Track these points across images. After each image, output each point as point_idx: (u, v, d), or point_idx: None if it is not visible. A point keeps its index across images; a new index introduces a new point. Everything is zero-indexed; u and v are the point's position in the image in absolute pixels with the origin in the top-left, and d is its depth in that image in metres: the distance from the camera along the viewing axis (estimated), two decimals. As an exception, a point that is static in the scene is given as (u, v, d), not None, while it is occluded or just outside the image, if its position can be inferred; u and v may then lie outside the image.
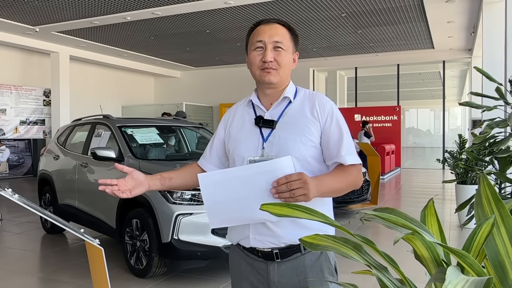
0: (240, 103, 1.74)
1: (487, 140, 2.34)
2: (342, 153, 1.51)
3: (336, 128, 1.55)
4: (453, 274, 0.54)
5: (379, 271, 0.84)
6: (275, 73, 1.57)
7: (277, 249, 1.54)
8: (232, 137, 1.67)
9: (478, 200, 0.83)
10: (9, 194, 1.48)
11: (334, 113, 1.57)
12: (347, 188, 1.52)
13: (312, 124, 1.55)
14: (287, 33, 1.60)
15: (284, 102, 1.62)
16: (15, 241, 5.93)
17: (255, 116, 1.63)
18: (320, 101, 1.59)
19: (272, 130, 1.57)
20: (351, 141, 1.56)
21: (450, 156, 6.79)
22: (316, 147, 1.55)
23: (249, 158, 1.56)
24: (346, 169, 1.50)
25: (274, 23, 1.60)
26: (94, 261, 1.84)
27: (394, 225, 0.71)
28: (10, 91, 12.57)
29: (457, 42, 12.76)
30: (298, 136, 1.53)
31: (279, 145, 1.54)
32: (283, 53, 1.57)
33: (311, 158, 1.54)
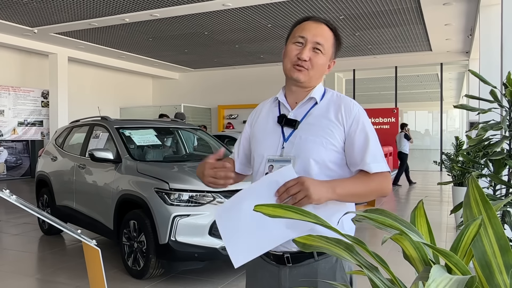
0: (267, 101, 1.72)
1: (481, 142, 2.37)
2: (367, 160, 1.45)
3: (361, 134, 1.49)
4: (437, 272, 0.56)
5: (370, 271, 0.86)
6: (306, 73, 1.53)
7: (289, 253, 1.50)
8: (255, 135, 1.64)
9: (467, 201, 0.85)
10: (6, 195, 1.49)
11: (361, 118, 1.51)
12: (371, 195, 1.49)
13: (335, 128, 1.50)
14: (331, 38, 1.56)
15: (309, 103, 1.58)
16: (13, 242, 5.93)
17: (278, 114, 1.60)
18: (346, 104, 1.53)
19: (294, 130, 1.54)
20: (378, 147, 1.50)
21: (447, 158, 6.82)
22: (338, 152, 1.50)
23: (268, 157, 1.54)
24: (370, 175, 1.46)
25: (323, 23, 1.56)
26: (91, 262, 1.85)
27: (382, 226, 0.73)
28: (8, 92, 12.57)
29: (454, 45, 12.81)
30: (319, 139, 1.49)
31: (298, 146, 1.50)
32: (320, 56, 1.53)
33: (331, 163, 1.49)
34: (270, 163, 1.53)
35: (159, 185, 4.04)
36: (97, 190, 4.91)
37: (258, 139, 1.62)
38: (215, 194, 4.01)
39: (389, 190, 1.51)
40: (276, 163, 1.51)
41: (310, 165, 1.47)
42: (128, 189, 4.35)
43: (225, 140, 8.37)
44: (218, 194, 4.01)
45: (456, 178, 6.20)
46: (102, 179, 4.82)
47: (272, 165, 1.52)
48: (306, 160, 1.48)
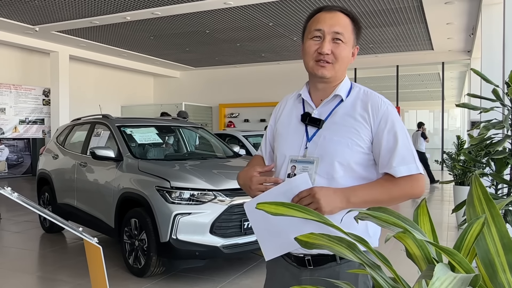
0: (291, 95, 1.63)
1: (483, 141, 2.36)
2: (394, 163, 1.36)
3: (390, 134, 1.39)
4: (441, 271, 0.56)
5: (373, 269, 0.85)
6: (330, 67, 1.44)
7: (310, 256, 1.45)
8: (278, 132, 1.57)
9: (470, 200, 0.85)
10: (8, 193, 1.49)
11: (390, 116, 1.41)
12: (396, 200, 1.41)
13: (362, 127, 1.41)
14: (349, 24, 1.46)
15: (335, 100, 1.48)
16: (14, 240, 5.94)
17: (303, 112, 1.51)
18: (374, 101, 1.43)
19: (318, 129, 1.46)
20: (408, 148, 1.39)
21: (448, 157, 6.81)
22: (364, 153, 1.41)
23: (291, 157, 1.47)
24: (395, 180, 1.37)
25: (337, 11, 1.47)
26: (92, 259, 1.85)
27: (386, 224, 0.73)
28: (10, 90, 12.58)
29: (456, 44, 12.79)
30: (344, 139, 1.41)
31: (322, 147, 1.43)
32: (342, 46, 1.43)
33: (356, 164, 1.41)
34: (293, 164, 1.47)
35: (160, 183, 4.04)
36: (98, 188, 4.91)
37: (281, 137, 1.55)
38: (216, 192, 4.01)
39: (420, 193, 1.41)
40: (299, 163, 1.45)
41: (335, 167, 1.40)
42: (129, 187, 4.36)
43: (226, 139, 8.37)
44: (219, 193, 4.01)
45: (458, 177, 6.20)
46: (103, 177, 4.83)
47: (295, 165, 1.46)
48: (330, 162, 1.41)
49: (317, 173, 1.41)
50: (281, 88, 15.66)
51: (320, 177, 1.41)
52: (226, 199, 3.99)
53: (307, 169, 1.43)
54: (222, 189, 4.04)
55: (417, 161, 1.41)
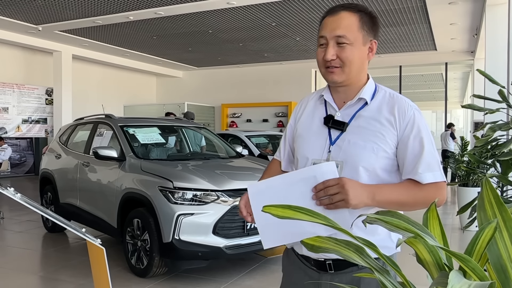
0: (312, 95, 1.59)
1: (489, 143, 2.34)
2: (419, 169, 1.33)
3: (416, 139, 1.36)
4: (455, 278, 0.54)
5: (381, 274, 0.84)
6: (339, 72, 1.40)
7: (330, 260, 1.41)
8: (299, 134, 1.53)
9: (481, 203, 0.83)
10: (11, 193, 1.48)
11: (416, 121, 1.37)
12: (417, 205, 1.35)
13: (387, 132, 1.37)
14: (354, 22, 1.40)
15: (359, 103, 1.45)
16: (16, 240, 5.94)
17: (325, 114, 1.48)
18: (400, 105, 1.39)
19: (341, 132, 1.42)
20: (433, 155, 1.36)
21: (452, 158, 6.78)
22: (390, 158, 1.38)
23: (313, 161, 1.43)
24: (419, 185, 1.34)
25: (341, 11, 1.42)
26: (95, 260, 1.84)
27: (396, 229, 0.71)
28: (13, 90, 12.60)
29: (459, 44, 12.74)
30: (370, 144, 1.37)
31: (347, 151, 1.39)
32: (347, 48, 1.38)
33: (381, 170, 1.38)
34: None
35: (163, 184, 4.03)
36: (101, 188, 4.90)
37: (302, 139, 1.51)
38: (219, 193, 4.00)
39: (442, 201, 1.37)
40: None
41: (359, 172, 1.37)
42: (132, 187, 4.35)
43: (228, 139, 8.36)
44: (222, 193, 4.00)
45: (461, 179, 6.17)
46: (106, 177, 4.82)
47: None
48: (355, 167, 1.37)
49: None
50: (284, 88, 15.65)
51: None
52: (229, 200, 3.98)
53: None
54: (225, 189, 4.03)
55: (441, 168, 1.38)
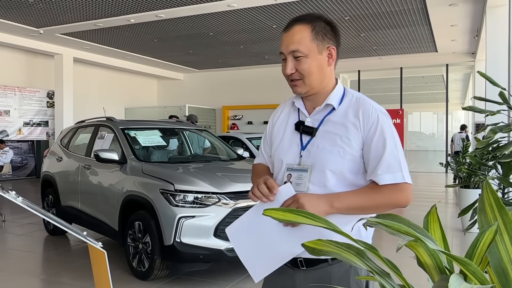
0: (287, 101, 1.64)
1: (490, 144, 2.34)
2: (379, 171, 1.38)
3: (379, 141, 1.40)
4: (456, 282, 0.54)
5: (382, 277, 0.84)
6: (301, 84, 1.46)
7: (302, 258, 1.47)
8: (274, 139, 1.60)
9: (481, 206, 0.83)
10: (13, 197, 1.48)
11: (380, 123, 1.42)
12: (380, 208, 1.40)
13: (353, 135, 1.42)
14: (307, 35, 1.44)
15: (327, 109, 1.50)
16: (18, 243, 5.95)
17: (297, 119, 1.54)
18: (365, 108, 1.44)
19: (311, 137, 1.48)
20: (395, 156, 1.40)
21: (453, 160, 6.78)
22: (356, 161, 1.43)
23: (287, 166, 1.50)
24: (379, 187, 1.39)
25: (294, 25, 1.47)
26: (96, 264, 1.84)
27: (397, 232, 0.72)
28: (14, 93, 12.63)
29: (460, 46, 12.75)
30: (336, 148, 1.42)
31: (315, 156, 1.45)
32: (303, 61, 1.43)
33: (349, 172, 1.43)
34: (289, 172, 1.49)
35: (164, 186, 4.04)
36: (102, 190, 4.91)
37: (277, 144, 1.57)
38: (220, 195, 3.99)
39: (406, 203, 1.41)
40: (294, 172, 1.48)
41: (327, 175, 1.42)
42: (133, 190, 4.35)
43: (229, 141, 8.36)
44: (223, 196, 4.00)
45: (463, 180, 6.16)
46: (107, 179, 4.82)
47: (291, 174, 1.48)
48: (322, 171, 1.43)
49: (311, 181, 1.44)
50: (284, 90, 15.59)
51: (314, 185, 1.43)
52: (230, 202, 3.98)
53: (301, 177, 1.45)
54: (226, 192, 4.03)
55: (404, 170, 1.40)
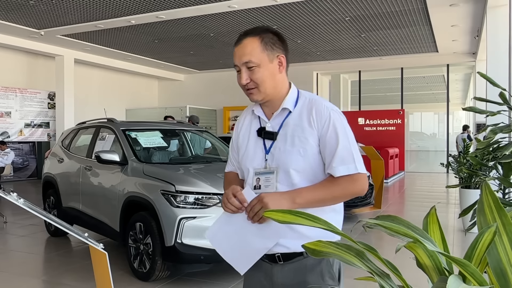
0: (248, 110, 1.74)
1: (491, 145, 2.34)
2: (333, 163, 1.49)
3: (332, 136, 1.51)
4: (454, 283, 0.55)
5: (382, 278, 0.84)
6: (256, 92, 1.57)
7: (280, 253, 1.58)
8: (240, 147, 1.70)
9: (480, 207, 0.84)
10: (14, 199, 1.49)
11: (332, 120, 1.53)
12: (339, 199, 1.54)
13: (309, 134, 1.54)
14: (257, 46, 1.56)
15: (283, 113, 1.61)
16: (19, 244, 5.96)
17: (259, 126, 1.64)
18: (317, 108, 1.56)
19: (273, 141, 1.59)
20: (348, 149, 1.51)
21: (454, 160, 6.77)
22: (315, 157, 1.54)
23: (255, 170, 1.60)
24: (335, 179, 1.50)
25: (243, 39, 1.60)
26: (97, 265, 1.85)
27: (396, 234, 0.72)
28: (15, 94, 12.64)
29: (461, 46, 12.74)
30: (296, 148, 1.54)
31: (278, 158, 1.56)
32: (256, 70, 1.55)
33: (311, 169, 1.54)
34: (257, 176, 1.59)
35: (165, 187, 4.04)
36: (103, 192, 4.92)
37: (243, 151, 1.67)
38: (221, 196, 3.99)
39: (361, 191, 1.52)
40: (262, 175, 1.58)
41: (291, 175, 1.53)
42: (134, 191, 4.36)
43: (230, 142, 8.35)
44: (224, 196, 4.00)
45: (464, 181, 6.16)
46: (108, 181, 4.83)
47: (259, 177, 1.59)
48: (287, 171, 1.54)
49: (278, 181, 1.55)
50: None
51: (282, 184, 1.54)
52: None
53: (269, 179, 1.56)
54: (227, 193, 4.03)
55: (357, 161, 1.51)
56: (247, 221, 1.49)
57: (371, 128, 14.70)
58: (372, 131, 14.62)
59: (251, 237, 1.51)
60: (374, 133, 14.48)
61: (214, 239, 1.62)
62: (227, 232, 1.57)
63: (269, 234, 1.50)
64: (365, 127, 14.69)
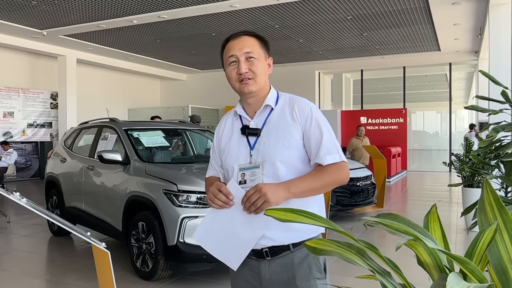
0: (229, 114, 1.83)
1: (493, 143, 2.34)
2: (321, 153, 1.59)
3: (316, 129, 1.62)
4: (454, 280, 0.55)
5: (383, 276, 0.84)
6: (253, 82, 1.65)
7: (267, 248, 1.62)
8: (223, 149, 1.76)
9: (481, 206, 0.84)
10: (17, 198, 1.50)
11: (313, 115, 1.64)
12: (328, 186, 1.62)
13: (293, 128, 1.63)
14: (256, 42, 1.68)
15: (266, 110, 1.69)
16: (22, 243, 5.98)
17: (241, 125, 1.72)
18: (299, 104, 1.66)
19: (257, 137, 1.66)
20: (331, 141, 1.62)
21: (456, 159, 6.76)
22: (299, 149, 1.63)
23: (239, 166, 1.66)
24: (324, 168, 1.59)
25: (242, 35, 1.68)
26: (100, 264, 1.86)
27: (396, 232, 0.72)
28: (18, 94, 12.68)
29: (463, 44, 12.71)
30: (281, 141, 1.62)
31: (264, 152, 1.63)
32: (255, 62, 1.64)
33: (296, 160, 1.62)
34: (242, 172, 1.65)
35: (167, 187, 4.05)
36: (106, 191, 4.93)
37: (226, 152, 1.73)
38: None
39: (346, 178, 1.63)
40: (247, 170, 1.64)
41: (277, 166, 1.60)
42: (136, 190, 4.37)
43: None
44: (226, 196, 4.00)
45: (466, 180, 6.15)
46: (111, 180, 4.84)
47: (244, 173, 1.64)
48: (272, 163, 1.61)
49: (264, 174, 1.61)
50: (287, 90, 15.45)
51: (267, 177, 1.61)
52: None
53: (255, 173, 1.62)
54: (229, 192, 4.03)
55: (340, 151, 1.63)
56: (234, 215, 1.55)
57: (373, 127, 14.69)
58: (375, 130, 14.60)
59: (240, 230, 1.55)
60: (376, 132, 14.46)
61: (202, 239, 1.65)
62: (214, 229, 1.61)
63: (257, 225, 1.54)
64: (367, 126, 14.66)
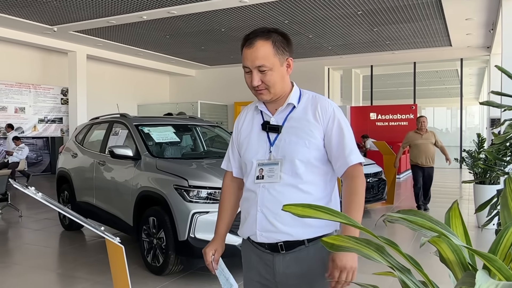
0: (249, 107, 1.82)
1: (508, 140, 2.30)
2: (346, 153, 1.60)
3: (338, 130, 1.62)
4: (482, 278, 0.54)
5: (402, 273, 0.83)
6: (266, 92, 1.65)
7: (282, 242, 1.62)
8: (242, 142, 1.76)
9: (504, 202, 0.82)
10: (32, 192, 1.51)
11: (336, 116, 1.64)
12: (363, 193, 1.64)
13: (315, 127, 1.63)
14: (269, 49, 1.61)
15: (288, 108, 1.69)
16: (34, 238, 6.04)
17: (262, 121, 1.71)
18: (322, 104, 1.66)
19: (278, 134, 1.66)
20: (353, 142, 1.65)
21: (468, 155, 6.69)
22: (319, 149, 1.63)
23: (258, 162, 1.66)
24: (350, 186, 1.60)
25: (256, 41, 1.61)
26: (114, 258, 1.86)
27: (419, 228, 0.71)
28: (29, 90, 12.79)
29: (475, 40, 12.56)
30: (302, 140, 1.62)
31: (284, 149, 1.63)
32: (268, 74, 1.61)
33: (315, 160, 1.62)
34: (260, 167, 1.65)
35: (178, 182, 4.06)
36: (117, 186, 4.95)
37: (245, 146, 1.73)
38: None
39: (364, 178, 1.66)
40: (265, 166, 1.64)
41: (296, 165, 1.61)
42: (147, 185, 4.38)
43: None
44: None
45: (478, 176, 6.08)
46: (122, 175, 4.87)
47: (262, 168, 1.65)
48: (292, 161, 1.61)
49: (283, 171, 1.61)
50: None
51: (285, 174, 1.61)
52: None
53: (273, 170, 1.62)
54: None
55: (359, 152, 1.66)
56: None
57: (383, 123, 14.59)
58: (384, 126, 14.51)
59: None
60: (386, 128, 14.37)
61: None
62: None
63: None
64: (377, 122, 14.58)
